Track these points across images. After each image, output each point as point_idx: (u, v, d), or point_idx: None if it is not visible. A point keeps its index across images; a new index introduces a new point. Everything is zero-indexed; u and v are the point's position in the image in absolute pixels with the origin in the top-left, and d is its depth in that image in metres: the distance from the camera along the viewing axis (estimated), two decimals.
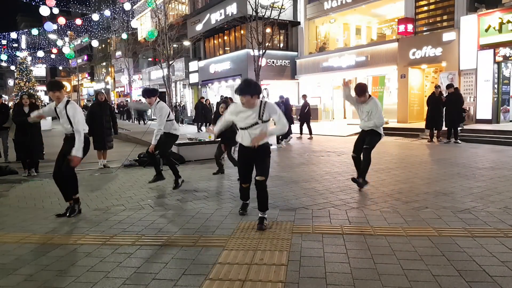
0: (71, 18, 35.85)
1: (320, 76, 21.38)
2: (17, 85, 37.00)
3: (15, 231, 4.15)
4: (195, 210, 4.69)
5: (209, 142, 9.11)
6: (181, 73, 29.49)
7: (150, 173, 7.43)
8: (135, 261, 3.22)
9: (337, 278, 2.83)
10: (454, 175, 6.44)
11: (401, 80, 16.58)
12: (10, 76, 64.04)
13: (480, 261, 3.05)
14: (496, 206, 4.55)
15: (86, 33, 41.46)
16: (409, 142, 11.85)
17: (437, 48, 15.04)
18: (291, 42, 23.44)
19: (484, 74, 13.65)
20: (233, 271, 2.97)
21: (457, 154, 8.93)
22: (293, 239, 3.59)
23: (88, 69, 54.65)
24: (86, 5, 47.50)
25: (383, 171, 6.92)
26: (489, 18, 13.33)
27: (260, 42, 17.30)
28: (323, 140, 12.57)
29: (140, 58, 36.29)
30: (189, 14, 28.04)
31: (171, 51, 23.07)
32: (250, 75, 20.54)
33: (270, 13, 17.39)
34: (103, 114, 8.30)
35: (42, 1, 20.93)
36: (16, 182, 7.07)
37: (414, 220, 4.09)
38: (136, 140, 12.61)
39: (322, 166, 7.63)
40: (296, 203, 4.90)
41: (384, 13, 20.14)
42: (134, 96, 34.99)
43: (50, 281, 2.93)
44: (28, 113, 7.77)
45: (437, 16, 15.84)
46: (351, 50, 19.49)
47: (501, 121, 13.78)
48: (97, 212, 4.78)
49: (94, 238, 3.81)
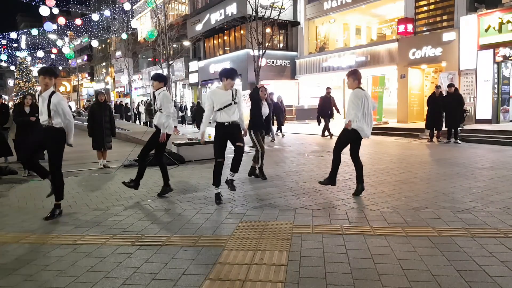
0: (71, 18, 35.87)
1: (320, 76, 21.39)
2: (17, 85, 36.98)
3: (15, 231, 4.15)
4: (195, 210, 4.69)
5: (209, 142, 9.09)
6: (181, 73, 29.50)
7: (150, 173, 7.42)
8: (135, 261, 3.22)
9: (337, 278, 2.82)
10: (454, 175, 6.44)
11: (401, 80, 16.59)
12: (10, 76, 64.03)
13: (480, 261, 3.05)
14: (496, 206, 4.54)
15: (86, 33, 41.46)
16: (409, 142, 11.85)
17: (437, 48, 15.05)
18: (291, 42, 23.45)
19: (484, 74, 13.65)
20: (233, 271, 2.97)
21: (457, 154, 8.93)
22: (293, 239, 3.59)
23: (88, 69, 54.65)
24: (86, 5, 47.48)
25: (383, 171, 6.92)
26: (489, 18, 13.34)
27: (260, 42, 17.30)
28: (323, 140, 12.57)
29: (140, 58, 36.30)
30: (189, 14, 28.06)
31: (171, 51, 23.09)
32: (250, 75, 20.58)
33: (270, 13, 17.39)
34: (103, 114, 8.30)
35: (42, 1, 20.95)
36: (16, 182, 7.07)
37: (414, 220, 4.09)
38: (136, 140, 12.60)
39: (322, 166, 7.63)
40: (296, 203, 4.90)
41: (384, 13, 20.15)
42: (134, 96, 34.96)
43: (50, 281, 2.93)
44: (29, 113, 7.77)
45: (437, 16, 15.85)
46: (351, 50, 19.51)
47: (501, 121, 13.79)
48: (97, 212, 4.78)
49: (94, 238, 3.81)
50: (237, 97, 4.87)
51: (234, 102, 4.84)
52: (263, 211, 4.58)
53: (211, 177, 6.80)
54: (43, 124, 4.57)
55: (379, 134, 13.77)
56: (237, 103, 4.89)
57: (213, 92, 4.94)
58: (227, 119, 4.83)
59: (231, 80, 4.81)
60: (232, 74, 4.84)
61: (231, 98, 4.82)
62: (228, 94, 4.83)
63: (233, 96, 4.84)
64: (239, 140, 4.89)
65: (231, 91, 4.85)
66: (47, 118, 4.49)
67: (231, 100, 4.82)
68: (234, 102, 4.85)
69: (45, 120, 4.52)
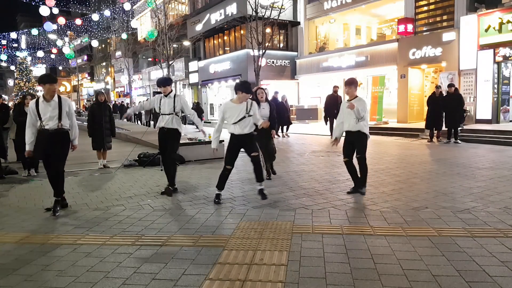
0: (71, 18, 35.86)
1: (320, 76, 21.38)
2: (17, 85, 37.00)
3: (15, 231, 4.15)
4: (195, 210, 4.69)
5: (209, 142, 9.10)
6: (181, 73, 29.49)
7: (150, 173, 7.44)
8: (135, 261, 3.22)
9: (337, 278, 2.83)
10: (454, 175, 6.44)
11: (401, 80, 16.59)
12: (10, 76, 64.05)
13: (480, 261, 3.05)
14: (496, 206, 4.55)
15: (86, 33, 41.46)
16: (409, 142, 11.85)
17: (437, 48, 15.04)
18: (291, 42, 23.44)
19: (484, 74, 13.65)
20: (233, 271, 2.97)
21: (457, 154, 8.93)
22: (293, 239, 3.59)
23: (88, 69, 54.64)
24: (86, 5, 47.49)
25: (383, 171, 6.92)
26: (489, 18, 13.33)
27: (260, 42, 17.30)
28: (323, 140, 12.56)
29: (140, 58, 36.30)
30: (189, 14, 28.04)
31: (171, 51, 23.09)
32: (250, 75, 20.56)
33: (270, 13, 17.39)
34: (103, 114, 8.30)
35: (42, 1, 20.95)
36: (16, 182, 7.07)
37: (414, 220, 4.09)
38: (136, 140, 12.60)
39: (322, 166, 7.64)
40: (296, 203, 4.90)
41: (384, 13, 20.14)
42: (134, 96, 34.98)
43: (50, 281, 2.93)
44: None
45: (437, 16, 15.84)
46: (351, 50, 19.49)
47: (501, 121, 13.78)
48: (97, 212, 4.78)
49: (94, 238, 3.81)
50: (251, 110, 4.86)
51: (248, 115, 4.84)
52: (263, 211, 4.58)
53: (211, 177, 6.85)
54: (50, 129, 4.62)
55: (379, 134, 13.77)
56: (251, 116, 4.88)
57: (226, 106, 4.94)
58: (240, 132, 4.85)
59: (246, 93, 4.81)
60: (248, 88, 4.84)
61: (245, 111, 4.82)
62: (242, 107, 4.83)
63: (247, 109, 4.84)
64: (253, 150, 4.94)
65: (245, 104, 4.85)
66: (57, 121, 4.61)
67: (245, 113, 4.82)
68: (248, 115, 4.84)
69: (54, 125, 4.61)
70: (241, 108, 4.82)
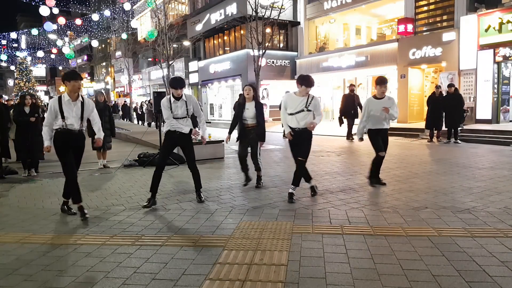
0: (71, 18, 35.85)
1: (320, 76, 21.34)
2: (17, 85, 36.96)
3: (15, 231, 4.15)
4: (195, 210, 4.69)
5: (209, 142, 9.10)
6: (181, 73, 29.46)
7: (150, 173, 7.41)
8: (135, 261, 3.22)
9: (337, 278, 2.83)
10: (454, 175, 6.44)
11: (401, 80, 16.59)
12: (10, 76, 64.04)
13: (480, 261, 3.05)
14: (496, 206, 4.55)
15: (86, 33, 41.45)
16: (409, 142, 11.85)
17: (437, 48, 15.04)
18: (291, 42, 23.43)
19: (484, 74, 13.65)
20: (233, 271, 2.97)
21: (457, 154, 8.93)
22: (293, 239, 3.59)
23: (88, 69, 54.63)
24: (86, 5, 47.44)
25: (383, 171, 6.90)
26: (489, 18, 13.33)
27: (260, 42, 17.30)
28: (323, 140, 12.56)
29: (140, 58, 36.29)
30: (189, 14, 28.04)
31: (171, 51, 23.07)
32: (250, 75, 20.58)
33: (270, 13, 17.39)
34: (103, 114, 8.29)
35: (42, 1, 20.95)
36: (16, 182, 7.07)
37: (414, 220, 4.09)
38: (136, 140, 12.61)
39: (322, 166, 7.63)
40: (296, 203, 4.90)
41: (384, 13, 20.13)
42: (134, 96, 34.97)
43: (50, 281, 2.93)
44: (29, 114, 7.76)
45: (437, 16, 15.85)
46: (351, 50, 19.49)
47: (501, 121, 13.78)
48: (97, 212, 4.78)
49: (94, 238, 3.81)
50: (311, 105, 4.92)
51: (307, 109, 4.91)
52: (263, 211, 4.58)
53: (211, 177, 6.85)
54: (74, 130, 4.51)
55: None
56: (310, 111, 4.95)
57: (289, 97, 5.11)
58: (296, 125, 4.95)
59: (306, 87, 4.88)
60: (308, 81, 4.90)
61: (304, 104, 4.90)
62: (302, 100, 4.92)
63: (307, 103, 4.91)
64: (301, 154, 5.01)
65: (306, 98, 4.93)
66: (80, 122, 4.54)
67: (304, 107, 4.90)
68: (308, 110, 4.92)
69: (78, 126, 4.54)
70: (301, 100, 4.92)
